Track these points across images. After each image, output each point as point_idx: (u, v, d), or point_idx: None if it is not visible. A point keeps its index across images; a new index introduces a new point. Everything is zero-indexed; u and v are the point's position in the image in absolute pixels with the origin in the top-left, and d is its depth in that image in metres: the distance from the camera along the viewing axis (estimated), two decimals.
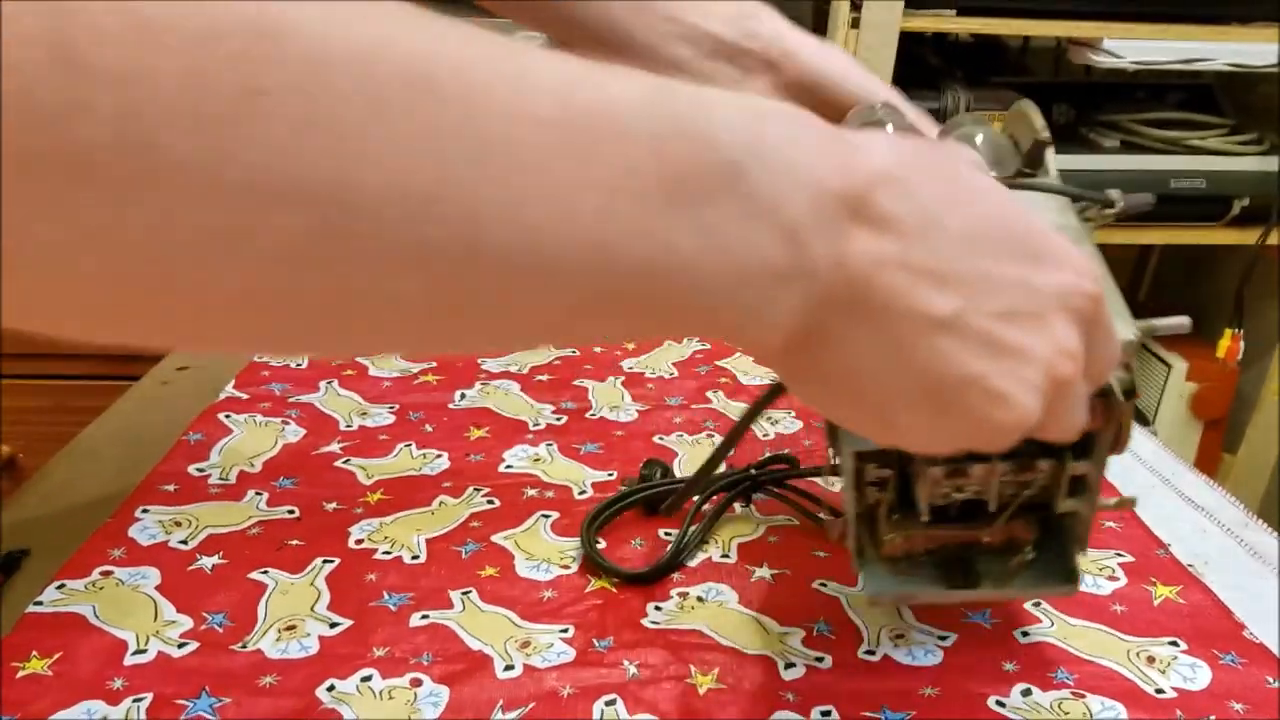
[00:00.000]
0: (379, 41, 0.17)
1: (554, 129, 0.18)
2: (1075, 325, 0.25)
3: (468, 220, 0.18)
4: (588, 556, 0.45)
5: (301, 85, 0.16)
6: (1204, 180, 1.01)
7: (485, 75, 0.18)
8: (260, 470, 0.51)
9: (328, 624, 0.40)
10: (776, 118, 0.22)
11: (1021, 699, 0.38)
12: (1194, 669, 0.40)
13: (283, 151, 0.16)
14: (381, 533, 0.47)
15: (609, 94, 0.20)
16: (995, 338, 0.23)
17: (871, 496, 0.35)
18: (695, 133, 0.20)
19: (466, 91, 0.18)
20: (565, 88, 0.19)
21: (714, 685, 0.38)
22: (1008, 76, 1.08)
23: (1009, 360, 0.24)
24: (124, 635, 0.39)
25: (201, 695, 0.36)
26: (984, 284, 0.23)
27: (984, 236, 0.24)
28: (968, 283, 0.23)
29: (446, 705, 0.36)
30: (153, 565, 0.43)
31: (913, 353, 0.23)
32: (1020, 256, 0.24)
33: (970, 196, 0.24)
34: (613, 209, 0.19)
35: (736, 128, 0.21)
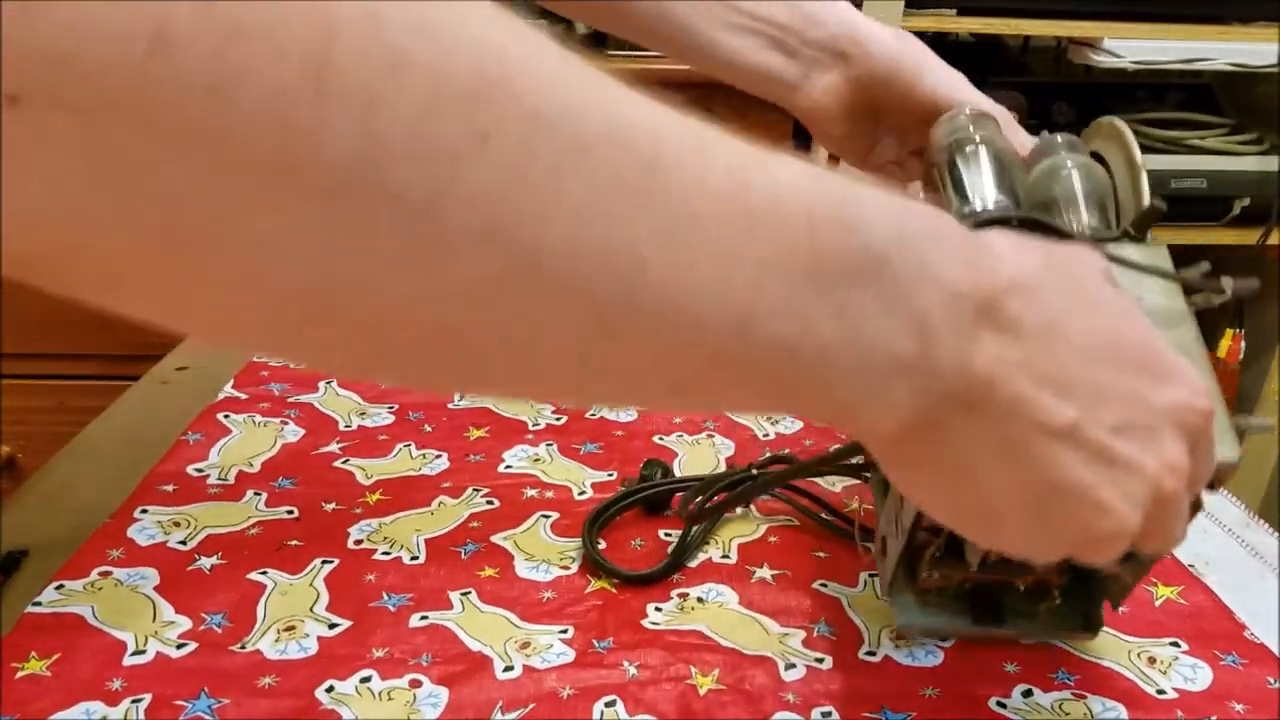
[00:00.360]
0: (587, 101, 0.18)
1: (725, 202, 0.20)
2: (1184, 441, 0.25)
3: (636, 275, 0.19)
4: (588, 557, 0.45)
5: (522, 135, 0.17)
6: (1204, 180, 1.00)
7: (674, 145, 0.19)
8: (259, 470, 0.51)
9: (327, 625, 0.40)
10: (920, 216, 0.23)
11: (1022, 700, 0.38)
12: (1195, 670, 0.39)
13: (493, 195, 0.16)
14: (381, 533, 0.47)
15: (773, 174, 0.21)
16: (1107, 449, 0.24)
17: (921, 539, 0.35)
18: (847, 218, 0.21)
19: (657, 159, 0.19)
20: (737, 164, 0.20)
21: (714, 686, 0.38)
22: (1008, 76, 1.07)
23: (1118, 472, 0.24)
24: (123, 636, 0.39)
25: (200, 696, 0.36)
26: (1101, 395, 0.24)
27: (1104, 348, 0.24)
28: (1086, 393, 0.23)
29: (446, 706, 0.36)
30: (152, 566, 0.43)
31: (1025, 456, 0.23)
32: (1138, 370, 0.25)
33: (1094, 307, 0.25)
34: (763, 283, 0.20)
35: (885, 219, 0.22)
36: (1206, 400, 0.25)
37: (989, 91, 0.44)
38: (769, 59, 0.42)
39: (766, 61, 0.42)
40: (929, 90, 0.41)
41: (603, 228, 0.18)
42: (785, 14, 0.41)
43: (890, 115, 0.43)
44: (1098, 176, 0.37)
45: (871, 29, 0.41)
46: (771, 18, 0.41)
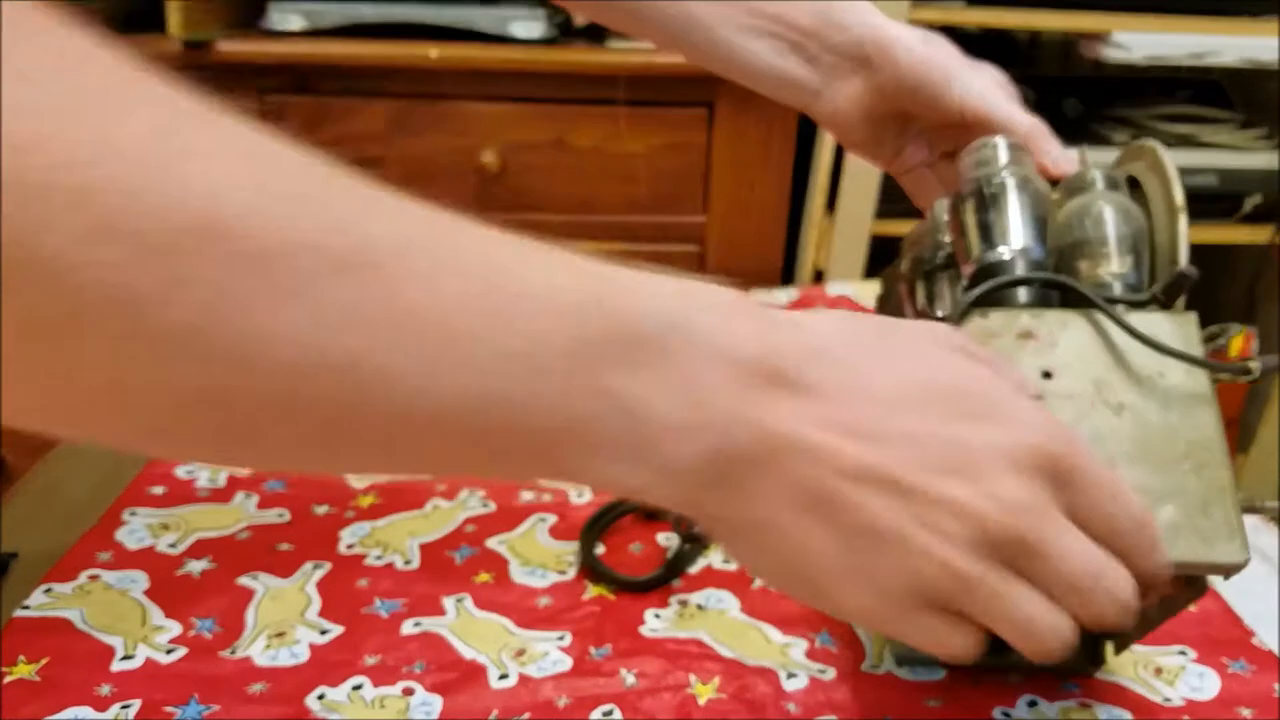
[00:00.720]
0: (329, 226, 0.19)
1: (472, 305, 0.21)
2: (1026, 478, 0.24)
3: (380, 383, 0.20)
4: (585, 562, 0.44)
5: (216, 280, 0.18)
6: (1215, 177, 0.99)
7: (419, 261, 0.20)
8: (250, 473, 0.51)
9: (318, 631, 0.40)
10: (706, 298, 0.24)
11: (1027, 710, 0.37)
12: (1202, 678, 0.39)
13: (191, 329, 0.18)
14: (373, 537, 0.46)
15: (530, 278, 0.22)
16: (917, 490, 0.23)
17: None
18: (612, 310, 0.22)
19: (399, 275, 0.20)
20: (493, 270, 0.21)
21: (714, 695, 0.37)
22: (1017, 70, 1.06)
23: (933, 512, 0.23)
24: (111, 641, 0.38)
25: (190, 702, 0.35)
26: (913, 440, 0.24)
27: (914, 398, 0.24)
28: (895, 439, 0.24)
29: (439, 714, 0.36)
30: (141, 569, 0.43)
31: (833, 505, 0.23)
32: (956, 416, 0.24)
33: (904, 363, 0.25)
34: (513, 374, 0.21)
35: (659, 307, 0.23)
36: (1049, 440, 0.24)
37: None
38: (789, 64, 0.40)
39: (786, 67, 0.40)
40: (958, 99, 0.39)
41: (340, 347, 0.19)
42: (807, 18, 0.40)
43: (918, 121, 0.42)
44: (1134, 218, 0.35)
45: (898, 33, 0.40)
46: (794, 21, 0.40)
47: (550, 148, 0.87)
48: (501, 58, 0.84)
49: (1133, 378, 0.31)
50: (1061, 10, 0.92)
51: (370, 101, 0.86)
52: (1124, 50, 0.91)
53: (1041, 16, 0.92)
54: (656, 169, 0.89)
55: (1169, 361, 0.32)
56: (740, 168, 0.89)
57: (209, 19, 0.85)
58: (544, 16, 0.87)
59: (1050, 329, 0.32)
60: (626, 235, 0.91)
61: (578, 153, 0.88)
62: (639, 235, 0.91)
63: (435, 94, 0.86)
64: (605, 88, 0.85)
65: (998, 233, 0.35)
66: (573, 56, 0.84)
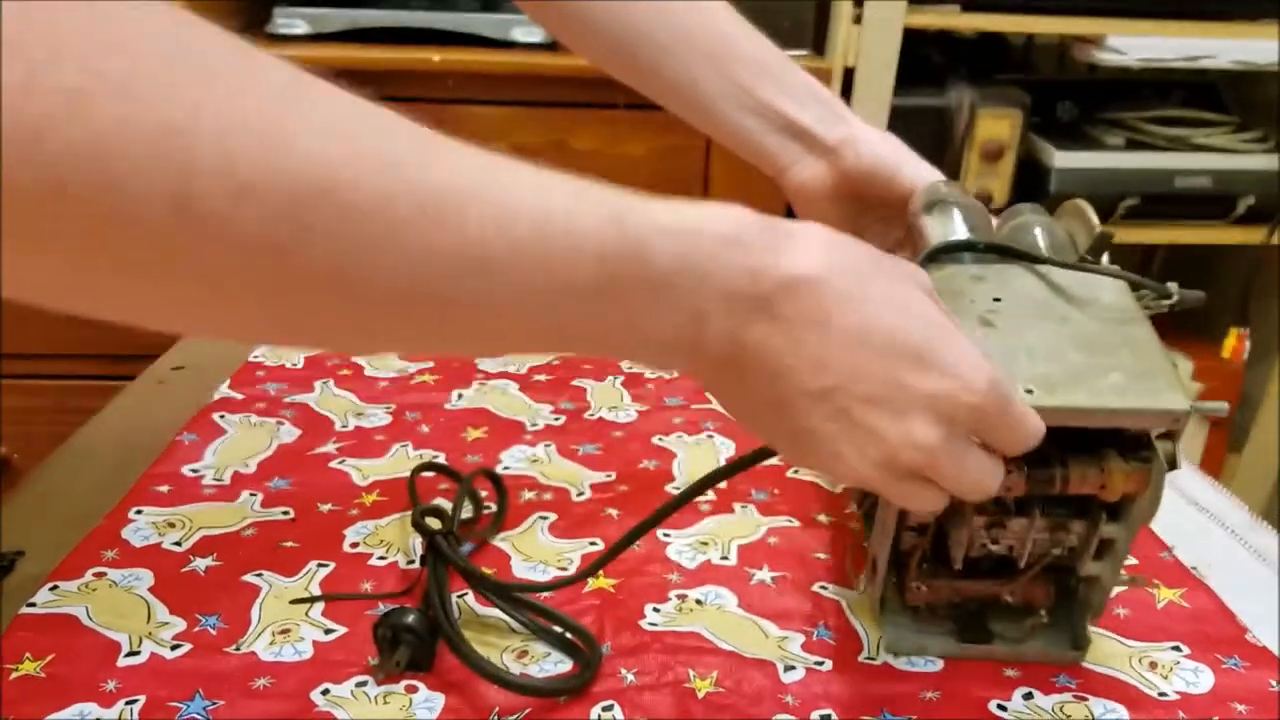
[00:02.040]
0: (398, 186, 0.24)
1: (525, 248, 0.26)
2: (938, 426, 0.29)
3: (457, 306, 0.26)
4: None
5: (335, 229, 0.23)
6: (1209, 179, 1.00)
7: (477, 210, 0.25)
8: (255, 471, 0.51)
9: (322, 630, 0.40)
10: (710, 233, 0.29)
11: (1023, 702, 0.37)
12: (1196, 673, 0.39)
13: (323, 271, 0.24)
14: (377, 535, 0.46)
15: (573, 223, 0.27)
16: (853, 415, 0.29)
17: (908, 542, 0.37)
18: (634, 253, 0.27)
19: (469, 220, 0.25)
20: (541, 214, 0.26)
21: (713, 689, 0.37)
22: (1012, 74, 1.07)
23: (858, 434, 0.29)
24: (117, 637, 0.39)
25: (195, 697, 0.36)
26: (859, 374, 0.29)
27: (875, 339, 0.29)
28: (842, 370, 0.29)
29: (442, 710, 0.36)
30: (146, 567, 0.43)
31: (786, 409, 0.30)
32: (901, 359, 0.29)
33: (874, 304, 0.29)
34: (559, 304, 0.27)
35: (670, 247, 0.28)
36: (974, 395, 0.29)
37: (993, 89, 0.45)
38: (768, 141, 0.46)
39: (766, 143, 0.47)
40: (908, 181, 0.45)
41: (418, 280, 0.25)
42: (793, 107, 0.46)
43: (874, 207, 0.47)
44: (1060, 236, 0.40)
45: (863, 131, 0.46)
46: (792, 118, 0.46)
47: (551, 150, 0.88)
48: (503, 62, 0.85)
49: (1074, 302, 0.36)
50: (1056, 16, 0.92)
51: None
52: (1118, 54, 0.91)
53: (1036, 21, 0.93)
54: (656, 171, 0.90)
55: (1102, 292, 0.36)
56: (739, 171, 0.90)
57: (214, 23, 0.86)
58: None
59: (998, 273, 0.38)
60: None
61: (578, 155, 0.88)
62: None
63: (438, 97, 0.87)
64: (605, 91, 0.86)
65: (946, 230, 0.41)
66: (573, 61, 0.85)
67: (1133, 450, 0.34)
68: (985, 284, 0.37)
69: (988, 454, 0.31)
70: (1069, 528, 0.35)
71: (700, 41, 0.45)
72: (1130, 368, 0.33)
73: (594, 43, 0.47)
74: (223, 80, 0.22)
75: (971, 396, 0.29)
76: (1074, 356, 0.33)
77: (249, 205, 0.21)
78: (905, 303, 0.30)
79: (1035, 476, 0.33)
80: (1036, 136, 1.00)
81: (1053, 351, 0.33)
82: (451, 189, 0.25)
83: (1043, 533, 0.35)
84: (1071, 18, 0.93)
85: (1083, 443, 0.34)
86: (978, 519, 0.35)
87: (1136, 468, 0.33)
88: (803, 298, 0.29)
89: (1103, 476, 0.33)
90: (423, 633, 0.37)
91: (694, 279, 0.28)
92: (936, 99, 0.95)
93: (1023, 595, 0.38)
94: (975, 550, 0.36)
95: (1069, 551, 0.36)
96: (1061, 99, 1.08)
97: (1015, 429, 0.31)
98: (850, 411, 0.29)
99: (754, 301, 0.29)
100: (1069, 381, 0.32)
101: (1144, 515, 0.35)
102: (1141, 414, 0.32)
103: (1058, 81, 1.13)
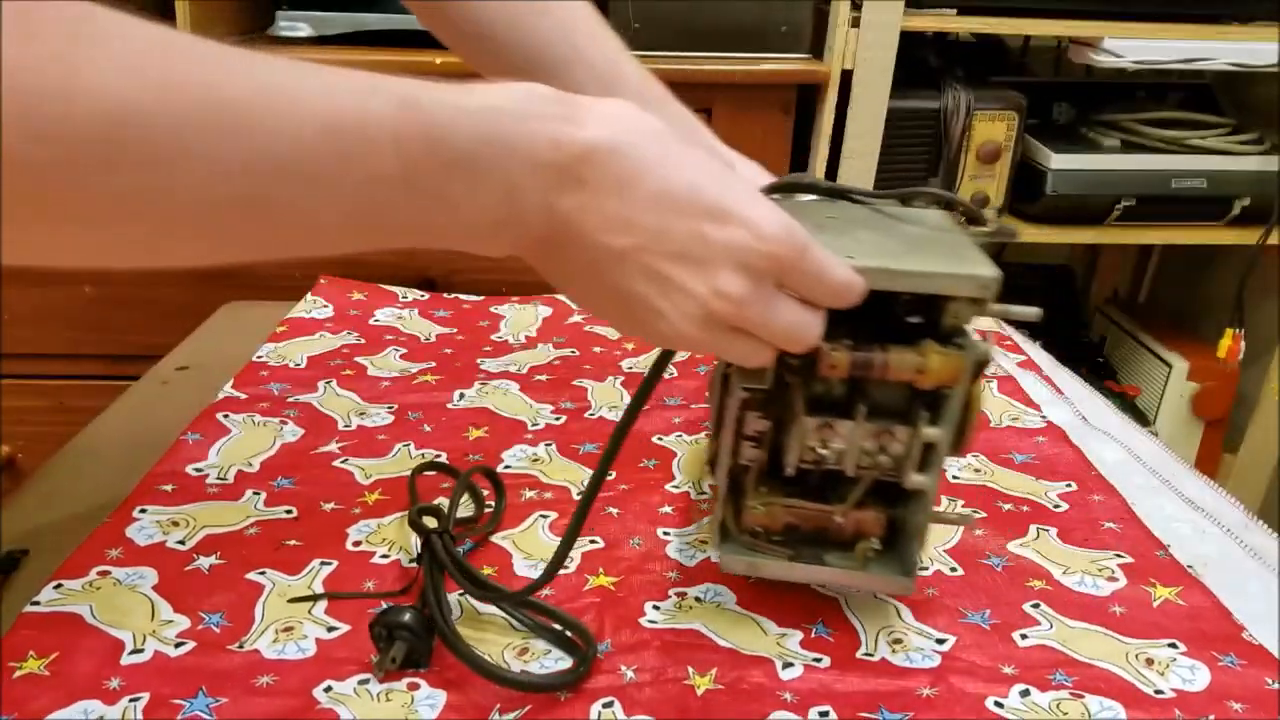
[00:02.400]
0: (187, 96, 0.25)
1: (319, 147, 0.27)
2: (741, 275, 0.31)
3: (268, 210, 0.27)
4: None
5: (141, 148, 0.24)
6: (1204, 180, 1.00)
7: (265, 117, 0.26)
8: (258, 470, 0.51)
9: (325, 627, 0.40)
10: (509, 109, 0.30)
11: (1020, 700, 0.38)
12: (1193, 671, 0.39)
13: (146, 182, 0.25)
14: (379, 534, 0.46)
15: (365, 116, 0.28)
16: (662, 272, 0.31)
17: (746, 454, 0.39)
18: (432, 135, 0.28)
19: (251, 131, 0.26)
20: (330, 113, 0.27)
21: (711, 686, 0.38)
22: (1009, 76, 1.07)
23: (671, 290, 0.31)
24: (121, 635, 0.39)
25: (198, 695, 0.36)
26: (662, 233, 0.31)
27: (671, 195, 0.31)
28: (647, 229, 0.31)
29: (444, 706, 0.36)
30: (150, 565, 0.43)
31: (603, 272, 0.32)
32: (701, 215, 0.31)
33: (671, 166, 0.31)
34: (368, 197, 0.28)
35: (469, 126, 0.29)
36: (768, 244, 0.31)
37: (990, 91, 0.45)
38: None
39: None
40: None
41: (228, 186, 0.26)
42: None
43: None
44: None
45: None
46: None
47: None
48: None
49: (902, 219, 0.40)
50: (1052, 19, 0.93)
51: None
52: (1115, 55, 0.92)
53: (1033, 24, 0.93)
54: None
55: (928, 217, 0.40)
56: None
57: (217, 26, 0.86)
58: None
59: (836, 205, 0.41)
60: None
61: None
62: None
63: None
64: None
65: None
66: None
67: (949, 341, 0.36)
68: (824, 207, 0.41)
69: (801, 305, 0.33)
70: (894, 434, 0.37)
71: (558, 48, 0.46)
72: (947, 254, 0.36)
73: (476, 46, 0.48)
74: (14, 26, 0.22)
75: (765, 244, 0.31)
76: (896, 246, 0.37)
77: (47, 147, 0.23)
78: (699, 162, 0.32)
79: (858, 358, 0.35)
80: (1033, 138, 1.00)
81: (878, 245, 0.36)
82: (239, 104, 0.26)
83: (869, 439, 0.37)
84: (1068, 20, 0.93)
85: (903, 336, 0.36)
86: (809, 420, 0.37)
87: (952, 352, 0.35)
88: (604, 164, 0.30)
89: (921, 360, 0.35)
90: (419, 630, 0.38)
91: (499, 152, 0.29)
92: (933, 101, 0.95)
93: (855, 524, 0.39)
94: (807, 456, 0.37)
95: (895, 464, 0.37)
96: (1058, 101, 1.08)
97: (819, 277, 0.33)
98: (660, 269, 0.31)
99: (560, 170, 0.30)
100: (889, 256, 0.35)
101: (959, 418, 0.36)
102: (955, 279, 0.34)
103: (1054, 83, 1.13)
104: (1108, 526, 0.49)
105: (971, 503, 0.51)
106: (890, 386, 0.37)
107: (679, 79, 0.94)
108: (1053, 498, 0.52)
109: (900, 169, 0.97)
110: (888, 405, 0.37)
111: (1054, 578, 0.45)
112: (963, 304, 0.35)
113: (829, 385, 0.37)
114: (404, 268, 0.89)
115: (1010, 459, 0.56)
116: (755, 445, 0.38)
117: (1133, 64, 0.93)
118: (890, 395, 0.37)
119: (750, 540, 0.40)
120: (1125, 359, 1.25)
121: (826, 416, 0.37)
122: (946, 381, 0.35)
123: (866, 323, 0.35)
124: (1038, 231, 1.01)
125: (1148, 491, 0.53)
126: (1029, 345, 0.74)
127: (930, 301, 0.35)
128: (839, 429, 0.37)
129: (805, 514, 0.39)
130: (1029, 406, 0.63)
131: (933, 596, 0.43)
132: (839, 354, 0.35)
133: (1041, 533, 0.49)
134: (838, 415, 0.37)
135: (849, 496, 0.39)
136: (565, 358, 0.68)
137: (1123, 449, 0.58)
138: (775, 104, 0.88)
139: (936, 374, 0.35)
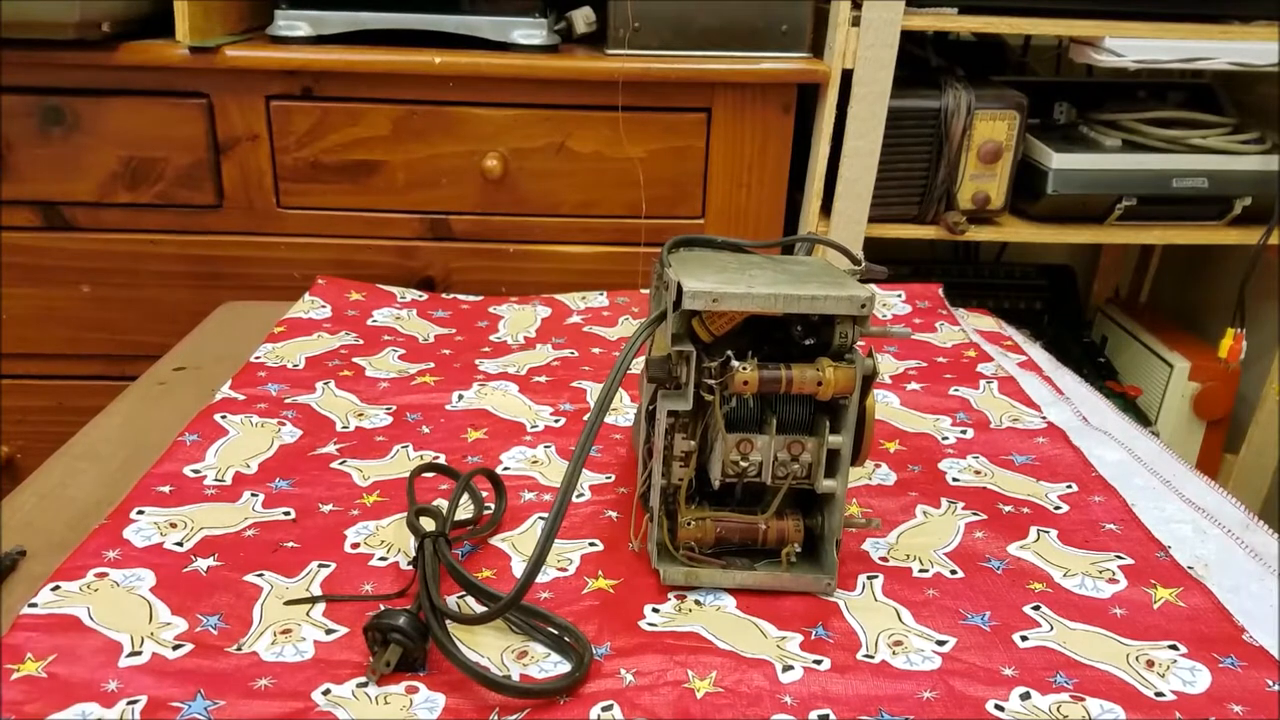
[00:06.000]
0: None
1: None
2: None
3: None
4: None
5: None
6: (1205, 180, 1.00)
7: None
8: (256, 471, 0.51)
9: (323, 630, 0.40)
10: None
11: (1020, 703, 0.37)
12: (1194, 672, 0.39)
13: None
14: (378, 536, 0.46)
15: None
16: None
17: (676, 474, 0.42)
18: None
19: None
20: None
21: (711, 689, 0.38)
22: (1009, 75, 1.07)
23: None
24: (118, 637, 0.39)
25: (196, 697, 0.36)
26: None
27: None
28: None
29: (443, 710, 0.36)
30: (148, 567, 0.43)
31: None
32: None
33: None
34: None
35: None
36: None
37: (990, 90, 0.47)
38: None
39: None
40: None
41: None
42: None
43: None
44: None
45: None
46: None
47: (552, 152, 0.88)
48: (504, 64, 0.85)
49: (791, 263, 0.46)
50: (1053, 18, 0.93)
51: (375, 107, 0.86)
52: (1116, 55, 0.92)
53: (1034, 23, 0.93)
54: (656, 173, 0.90)
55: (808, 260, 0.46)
56: (737, 171, 0.90)
57: (216, 25, 0.86)
58: (545, 24, 0.88)
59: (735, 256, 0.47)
60: (626, 237, 0.92)
61: (579, 157, 0.89)
62: (638, 237, 0.92)
63: (439, 100, 0.87)
64: (605, 93, 0.86)
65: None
66: (573, 63, 0.85)
67: (840, 358, 0.41)
68: (722, 256, 0.47)
69: None
70: (803, 444, 0.42)
71: None
72: (828, 284, 0.41)
73: None
74: None
75: None
76: (788, 280, 0.41)
77: None
78: None
79: (765, 375, 0.40)
80: (1034, 138, 1.00)
81: (774, 279, 0.41)
82: None
83: (782, 450, 0.42)
84: (1068, 20, 0.93)
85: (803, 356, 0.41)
86: (730, 436, 0.41)
87: (844, 367, 0.40)
88: None
89: (818, 373, 0.40)
90: (413, 634, 0.37)
91: None
92: (934, 100, 0.95)
93: (778, 532, 0.43)
94: (730, 469, 0.42)
95: (806, 471, 0.42)
96: (1059, 100, 1.08)
97: None
98: None
99: None
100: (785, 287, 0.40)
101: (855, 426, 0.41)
102: (837, 300, 0.40)
103: (1055, 83, 1.13)
104: (1108, 528, 0.49)
105: (972, 505, 0.51)
106: (796, 402, 0.42)
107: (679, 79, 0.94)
108: (1053, 499, 0.52)
109: (900, 168, 0.96)
110: (795, 420, 0.42)
111: (1054, 580, 0.45)
112: (847, 322, 0.41)
113: (744, 404, 0.42)
114: (402, 268, 0.89)
115: (1010, 460, 0.56)
116: (683, 464, 0.42)
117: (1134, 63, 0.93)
118: (796, 410, 0.43)
119: (687, 554, 0.44)
120: (1126, 359, 1.25)
121: (743, 433, 0.41)
122: (843, 390, 0.40)
123: (770, 347, 0.41)
124: (1038, 231, 1.01)
125: (1148, 492, 0.53)
126: (1029, 346, 0.74)
127: (820, 326, 0.41)
128: (755, 442, 0.42)
129: (733, 527, 0.44)
130: (1029, 407, 0.62)
131: (933, 598, 0.43)
132: (750, 372, 0.40)
133: (1042, 535, 0.49)
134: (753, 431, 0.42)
135: (770, 505, 0.43)
136: (564, 359, 0.68)
137: (1123, 450, 0.58)
138: (775, 103, 0.88)
139: (833, 384, 0.40)
